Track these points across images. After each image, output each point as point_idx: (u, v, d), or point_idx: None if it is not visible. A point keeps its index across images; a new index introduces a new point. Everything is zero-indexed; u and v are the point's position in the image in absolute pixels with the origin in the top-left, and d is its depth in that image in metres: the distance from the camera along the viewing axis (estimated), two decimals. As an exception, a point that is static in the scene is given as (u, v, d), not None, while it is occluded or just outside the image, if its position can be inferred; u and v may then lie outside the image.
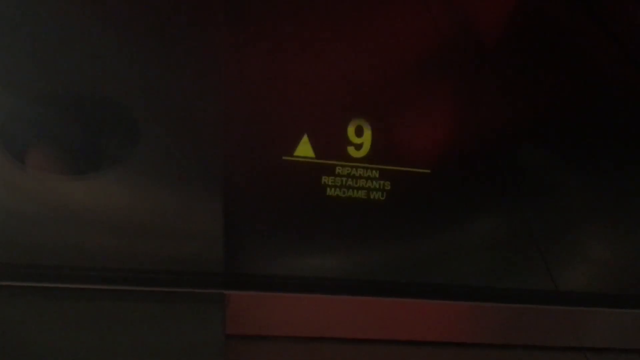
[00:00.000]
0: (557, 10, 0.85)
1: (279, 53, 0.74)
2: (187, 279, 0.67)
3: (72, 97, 0.67)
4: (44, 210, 0.65)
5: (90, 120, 0.68)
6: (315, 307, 0.71)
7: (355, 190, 0.73)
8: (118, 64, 0.69)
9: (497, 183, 0.78)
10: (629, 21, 0.85)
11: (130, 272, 0.66)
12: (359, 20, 0.77)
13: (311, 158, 0.72)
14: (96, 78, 0.68)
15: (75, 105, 0.68)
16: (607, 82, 0.85)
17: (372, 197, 0.73)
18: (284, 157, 0.72)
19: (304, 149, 0.72)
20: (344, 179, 0.73)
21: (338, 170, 0.73)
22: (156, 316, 0.65)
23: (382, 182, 0.74)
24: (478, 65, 0.81)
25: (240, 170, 0.71)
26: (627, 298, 0.77)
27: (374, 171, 0.73)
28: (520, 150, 0.80)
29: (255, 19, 0.74)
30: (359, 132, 0.73)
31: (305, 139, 0.72)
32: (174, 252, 0.68)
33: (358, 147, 0.73)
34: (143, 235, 0.67)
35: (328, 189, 0.73)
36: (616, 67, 0.86)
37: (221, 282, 0.68)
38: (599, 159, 0.82)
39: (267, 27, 0.74)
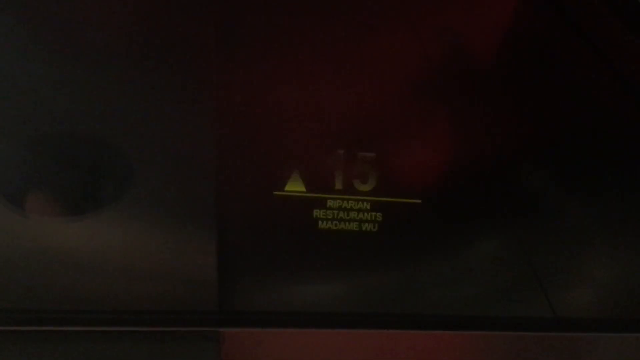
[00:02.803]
0: (551, 34, 0.85)
1: (268, 90, 0.74)
2: (182, 318, 0.67)
3: (61, 139, 0.68)
4: (35, 253, 0.65)
5: (79, 161, 0.68)
6: (311, 342, 0.71)
7: (347, 223, 0.73)
8: (108, 104, 0.70)
9: (491, 210, 0.78)
10: (625, 47, 0.85)
11: (123, 313, 0.66)
12: (348, 54, 0.78)
13: (302, 192, 0.73)
14: (86, 118, 0.69)
15: (65, 146, 0.68)
16: (604, 105, 0.85)
17: (364, 228, 0.74)
18: (275, 193, 0.72)
19: (295, 184, 0.72)
20: (336, 211, 0.73)
21: (329, 203, 0.73)
22: (151, 357, 0.65)
23: (373, 213, 0.74)
24: (470, 93, 0.81)
25: (232, 208, 0.71)
26: (627, 323, 0.76)
27: (365, 203, 0.74)
28: (514, 177, 0.80)
29: (246, 55, 0.75)
30: (348, 165, 0.74)
31: (296, 173, 0.72)
32: (167, 291, 0.68)
33: (348, 179, 0.74)
34: (136, 275, 0.68)
35: (320, 222, 0.73)
36: (613, 90, 0.85)
37: (216, 320, 0.68)
38: (596, 183, 0.81)
39: (258, 65, 0.75)
